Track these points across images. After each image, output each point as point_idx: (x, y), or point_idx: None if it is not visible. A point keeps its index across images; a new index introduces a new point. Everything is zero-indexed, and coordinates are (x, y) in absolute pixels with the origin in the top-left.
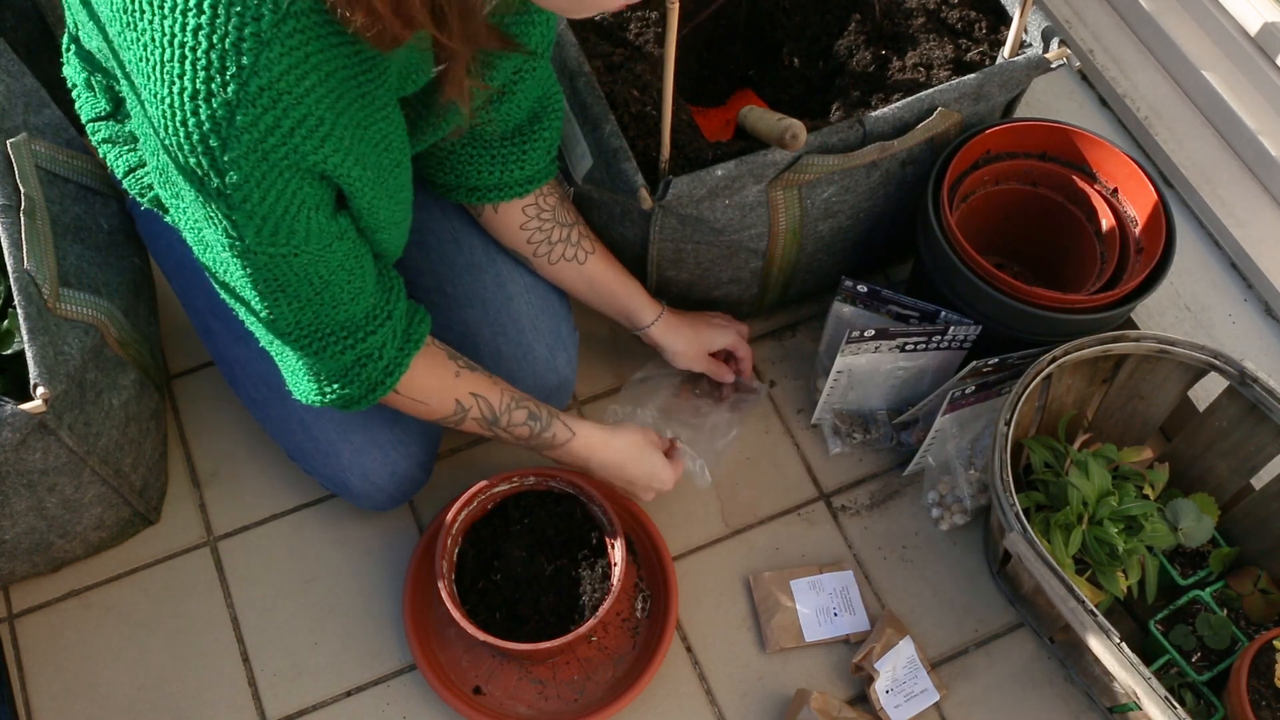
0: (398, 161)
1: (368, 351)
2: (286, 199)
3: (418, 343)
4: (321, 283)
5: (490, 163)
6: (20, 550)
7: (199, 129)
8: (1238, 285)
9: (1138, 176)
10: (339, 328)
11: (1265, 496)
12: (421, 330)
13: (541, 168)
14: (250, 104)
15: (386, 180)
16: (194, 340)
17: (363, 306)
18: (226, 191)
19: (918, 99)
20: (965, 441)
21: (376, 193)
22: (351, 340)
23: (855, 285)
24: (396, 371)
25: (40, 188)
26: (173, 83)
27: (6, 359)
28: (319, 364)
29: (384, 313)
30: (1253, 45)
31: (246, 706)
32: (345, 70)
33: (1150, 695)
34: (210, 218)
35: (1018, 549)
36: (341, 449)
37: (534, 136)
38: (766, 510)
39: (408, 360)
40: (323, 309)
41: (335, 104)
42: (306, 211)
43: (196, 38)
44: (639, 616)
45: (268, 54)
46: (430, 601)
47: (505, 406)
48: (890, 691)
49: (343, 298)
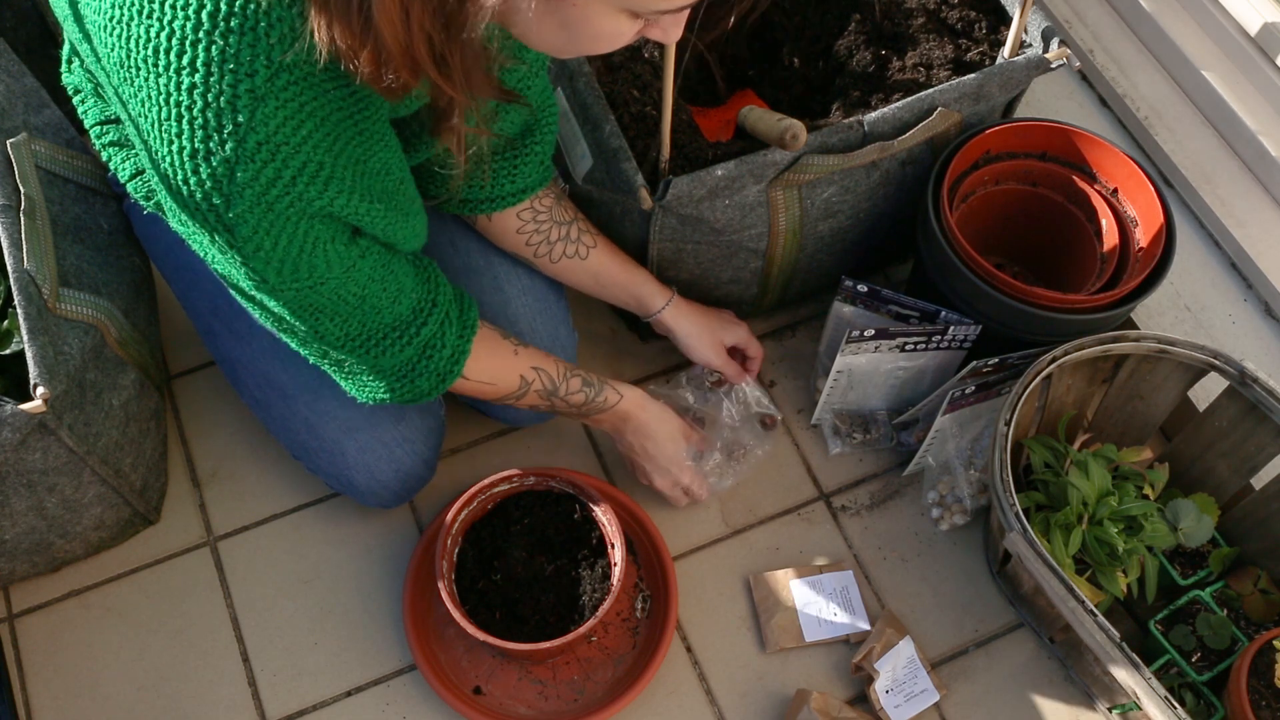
0: (400, 179)
1: (428, 342)
2: (300, 240)
3: (473, 327)
4: (357, 298)
5: (481, 177)
6: (20, 550)
7: (201, 187)
8: (1238, 285)
9: (1138, 176)
10: (390, 329)
11: (1265, 496)
12: (474, 314)
13: (534, 179)
14: (249, 160)
15: (396, 201)
16: (194, 340)
17: (407, 304)
18: (238, 244)
19: (918, 99)
20: (965, 441)
21: (390, 217)
22: (406, 337)
23: (855, 285)
24: (461, 358)
25: (40, 188)
26: (172, 141)
27: (6, 359)
28: (381, 363)
29: (429, 301)
30: (1253, 45)
31: (246, 706)
32: (341, 112)
33: (1150, 695)
34: (231, 263)
35: (1018, 549)
36: (347, 447)
37: (526, 151)
38: (766, 510)
39: (468, 345)
40: (367, 317)
41: (333, 146)
42: (323, 246)
43: (192, 96)
44: (639, 616)
45: (263, 109)
46: (430, 601)
47: (562, 376)
48: (890, 691)
49: (383, 303)
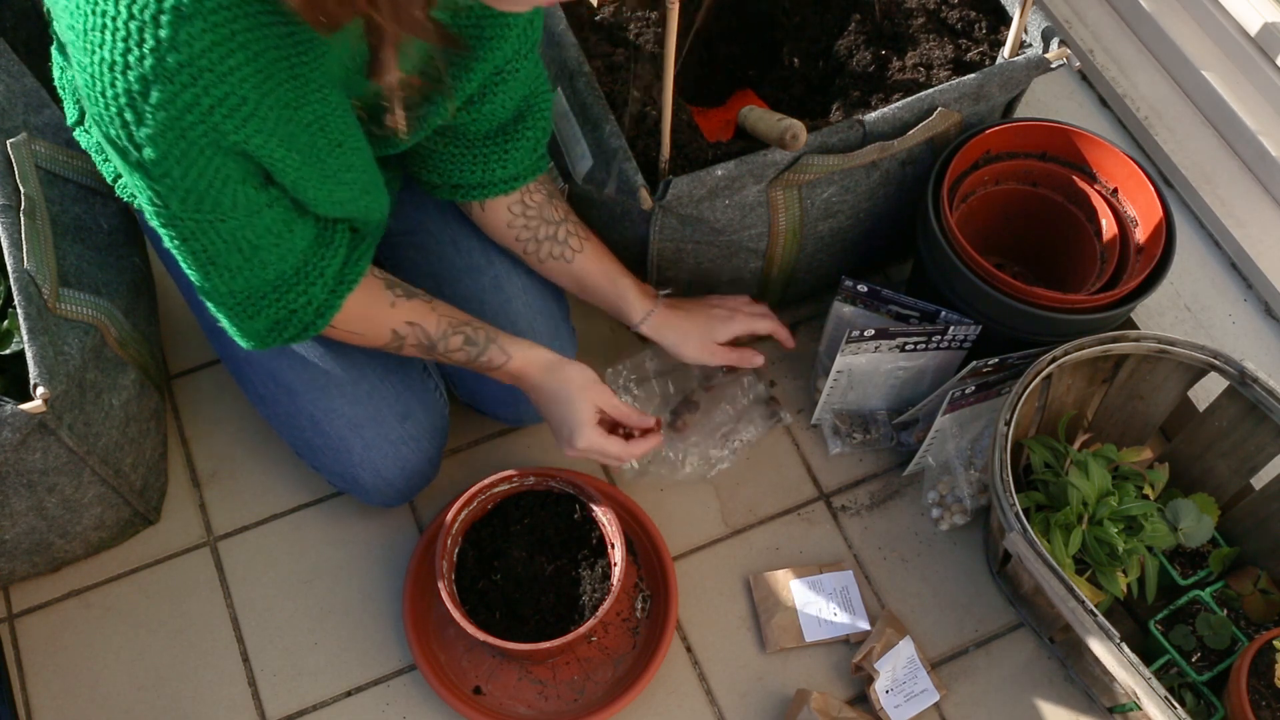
0: (338, 142)
1: (296, 303)
2: (210, 175)
3: (351, 284)
4: (250, 247)
5: (473, 161)
6: (20, 550)
7: (115, 101)
8: (1238, 285)
9: (1138, 176)
10: (270, 288)
11: (1265, 496)
12: (355, 271)
13: (526, 166)
14: (168, 80)
15: (322, 161)
16: (194, 340)
17: (292, 264)
18: (146, 165)
19: (918, 99)
20: (965, 441)
21: (306, 172)
22: (279, 295)
23: (855, 285)
24: (328, 313)
25: (40, 188)
26: (93, 51)
27: (6, 359)
28: (255, 324)
29: (316, 270)
30: (1253, 45)
31: (246, 706)
32: (276, 50)
33: (1150, 695)
34: (138, 185)
35: (1018, 549)
36: (353, 444)
37: (518, 135)
38: (766, 510)
39: (339, 301)
40: (253, 273)
41: (262, 84)
42: (232, 185)
43: (117, 6)
44: (639, 616)
45: (188, 29)
46: (430, 601)
47: (442, 332)
48: (890, 691)
49: (270, 259)
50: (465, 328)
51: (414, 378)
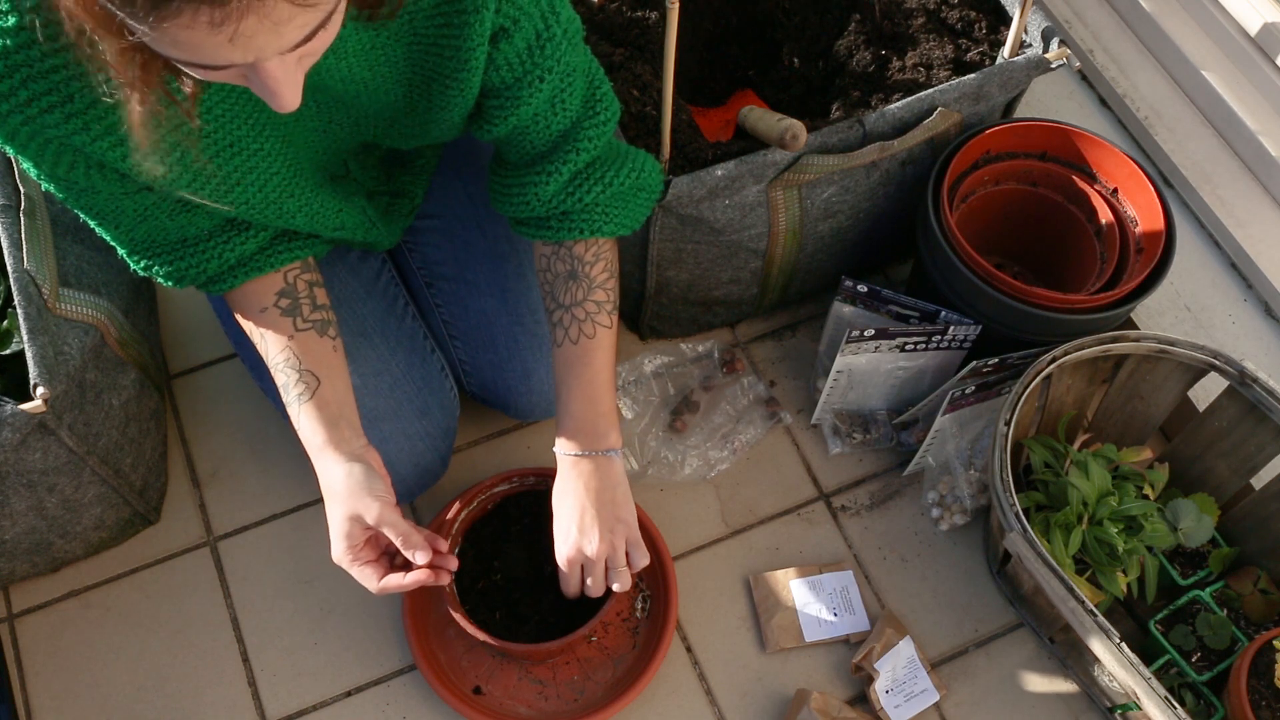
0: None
1: (191, 269)
2: (51, 160)
3: (255, 272)
4: (137, 214)
5: (506, 190)
6: (20, 550)
7: None
8: (1238, 285)
9: (1138, 176)
10: (178, 244)
11: (1265, 496)
12: (268, 263)
13: (522, 213)
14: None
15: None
16: (194, 340)
17: (194, 234)
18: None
19: (918, 99)
20: (965, 441)
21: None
22: (179, 254)
23: (855, 285)
24: (218, 288)
25: (40, 188)
26: None
27: (6, 359)
28: (155, 267)
29: (220, 248)
30: (1253, 45)
31: (246, 706)
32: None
33: (1150, 695)
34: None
35: (1018, 549)
36: (369, 437)
37: (520, 178)
38: (766, 510)
39: (236, 283)
40: (153, 233)
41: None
42: (80, 168)
43: None
44: (639, 616)
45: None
46: (430, 601)
47: (276, 363)
48: (890, 691)
49: (171, 226)
50: (304, 375)
51: (434, 375)
